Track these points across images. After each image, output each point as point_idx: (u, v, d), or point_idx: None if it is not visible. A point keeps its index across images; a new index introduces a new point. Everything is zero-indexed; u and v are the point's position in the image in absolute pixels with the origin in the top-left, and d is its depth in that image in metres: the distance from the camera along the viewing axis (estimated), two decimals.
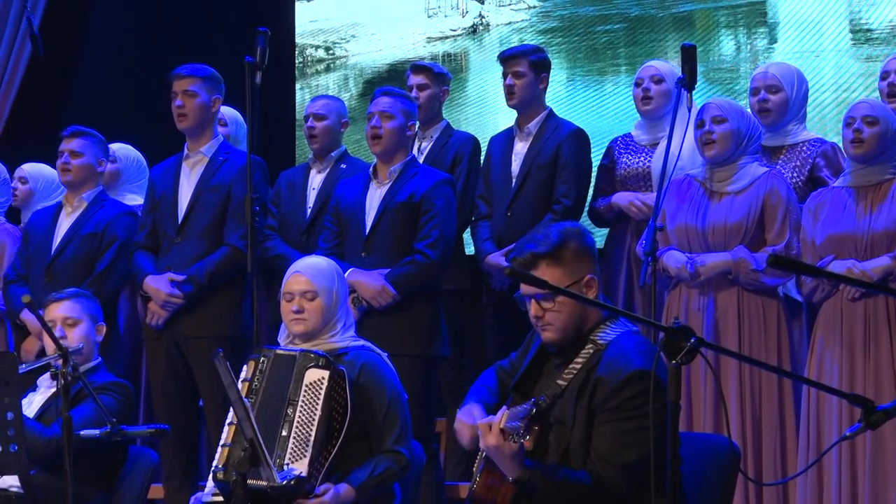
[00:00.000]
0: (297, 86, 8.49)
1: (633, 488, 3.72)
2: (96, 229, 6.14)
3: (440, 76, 6.69)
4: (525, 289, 3.90)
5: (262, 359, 4.51)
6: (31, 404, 4.99)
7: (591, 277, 3.88)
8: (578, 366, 3.85)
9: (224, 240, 5.96)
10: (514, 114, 6.38)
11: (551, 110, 6.37)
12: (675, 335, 3.27)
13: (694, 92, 5.52)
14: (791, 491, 5.43)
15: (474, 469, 3.97)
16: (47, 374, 5.02)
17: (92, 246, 6.12)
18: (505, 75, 6.33)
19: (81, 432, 4.40)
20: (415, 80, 6.62)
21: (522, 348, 4.15)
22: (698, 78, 5.46)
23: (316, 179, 6.34)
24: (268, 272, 6.15)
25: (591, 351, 3.85)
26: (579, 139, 6.24)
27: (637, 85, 6.18)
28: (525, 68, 6.27)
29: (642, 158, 6.14)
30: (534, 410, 3.79)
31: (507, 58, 6.37)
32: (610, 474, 3.74)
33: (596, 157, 6.33)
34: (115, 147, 6.76)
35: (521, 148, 6.30)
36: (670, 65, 6.19)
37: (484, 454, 3.90)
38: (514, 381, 4.03)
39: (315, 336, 4.59)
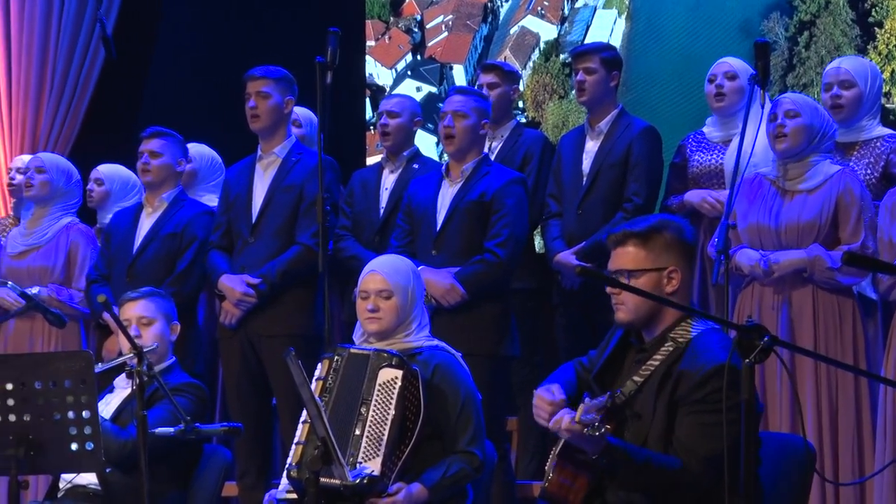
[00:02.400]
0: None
1: (714, 481, 3.70)
2: (176, 229, 6.19)
3: (510, 74, 6.67)
4: (613, 264, 3.96)
5: (335, 358, 4.53)
6: (108, 405, 5.03)
7: (673, 269, 3.91)
8: (657, 362, 3.86)
9: (296, 239, 5.99)
10: None
11: (622, 108, 6.33)
12: (749, 334, 3.25)
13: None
14: (868, 491, 5.36)
15: (547, 467, 3.97)
16: (123, 376, 5.06)
17: (172, 245, 6.18)
18: (576, 72, 6.30)
19: (156, 431, 4.44)
20: (484, 79, 6.60)
21: (602, 345, 4.15)
22: None
23: (389, 179, 6.36)
24: (342, 272, 6.18)
25: (671, 348, 3.86)
26: (651, 137, 6.20)
27: (710, 81, 6.13)
28: (596, 65, 6.23)
29: (715, 156, 6.09)
30: (609, 403, 3.79)
31: (578, 54, 6.34)
32: (692, 465, 3.74)
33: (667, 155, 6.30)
34: (190, 147, 6.82)
35: (591, 146, 6.27)
36: (743, 61, 6.13)
37: (556, 452, 3.90)
38: (595, 373, 4.03)
39: (390, 335, 4.60)
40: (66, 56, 8.62)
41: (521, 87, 6.86)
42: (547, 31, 8.07)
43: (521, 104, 7.92)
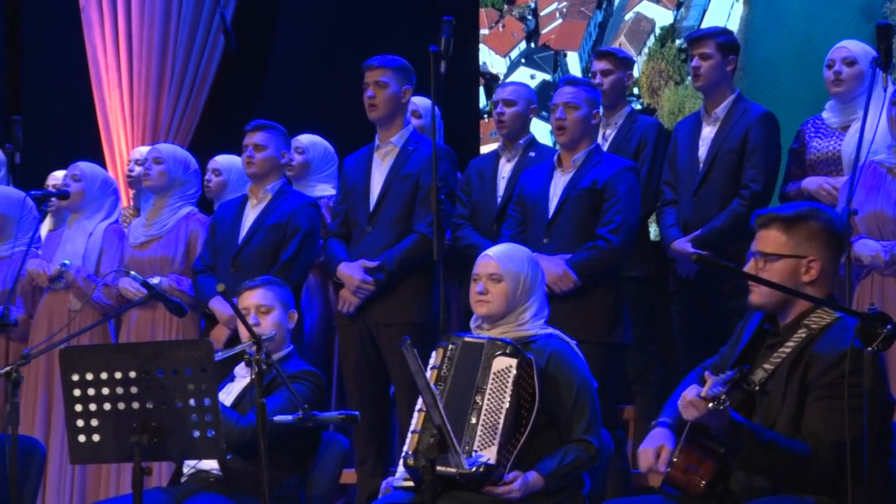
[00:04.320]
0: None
1: (843, 468, 3.65)
2: (280, 220, 6.24)
3: (624, 61, 6.63)
4: (755, 245, 3.95)
5: (450, 346, 4.54)
6: (229, 394, 5.09)
7: (813, 259, 3.87)
8: (789, 349, 3.83)
9: (413, 228, 6.01)
10: None
11: (739, 93, 6.26)
12: (871, 321, 3.20)
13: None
14: None
15: (672, 454, 3.94)
16: (242, 364, 5.12)
17: (276, 236, 6.23)
18: (691, 57, 6.24)
19: (275, 418, 4.49)
20: (598, 65, 6.57)
21: (733, 339, 4.12)
22: None
23: (505, 168, 6.35)
24: (460, 261, 6.19)
25: (804, 334, 3.83)
26: (768, 123, 6.12)
27: (828, 67, 6.03)
28: (712, 50, 6.17)
29: (833, 142, 5.99)
30: (737, 376, 3.75)
31: (693, 39, 6.29)
32: (820, 452, 3.69)
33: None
34: (303, 138, 6.88)
35: (708, 132, 6.21)
36: (863, 45, 6.01)
37: (683, 437, 3.88)
38: (730, 365, 4.00)
39: (498, 320, 4.61)
40: (185, 48, 8.77)
41: (635, 74, 6.79)
42: (662, 17, 7.99)
43: (635, 91, 7.86)
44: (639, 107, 7.75)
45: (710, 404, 3.65)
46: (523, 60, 8.42)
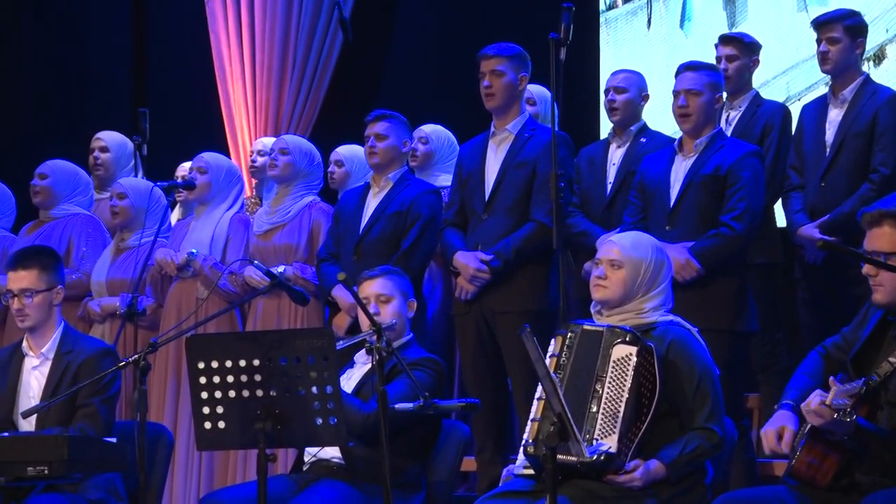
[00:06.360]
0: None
1: None
2: (401, 208, 6.27)
3: (750, 46, 6.54)
4: (867, 243, 3.87)
5: (569, 334, 4.52)
6: (349, 380, 5.14)
7: None
8: None
9: (531, 216, 6.00)
10: None
11: (867, 76, 6.14)
12: None
13: None
14: None
15: (794, 444, 3.88)
16: (363, 352, 5.17)
17: (398, 224, 6.26)
18: (819, 41, 6.13)
19: (396, 406, 4.51)
20: (723, 51, 6.49)
21: (857, 321, 4.04)
22: None
23: (616, 154, 6.31)
24: (572, 248, 6.17)
25: None
26: None
27: None
28: (840, 34, 6.08)
29: None
30: (863, 389, 3.67)
31: (821, 23, 6.18)
32: None
33: None
34: (427, 128, 6.90)
35: (835, 116, 6.11)
36: None
37: (806, 431, 3.82)
38: (852, 354, 3.92)
39: (615, 307, 4.58)
40: (306, 40, 8.86)
41: (760, 59, 6.69)
42: None
43: None
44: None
45: (836, 414, 3.58)
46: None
